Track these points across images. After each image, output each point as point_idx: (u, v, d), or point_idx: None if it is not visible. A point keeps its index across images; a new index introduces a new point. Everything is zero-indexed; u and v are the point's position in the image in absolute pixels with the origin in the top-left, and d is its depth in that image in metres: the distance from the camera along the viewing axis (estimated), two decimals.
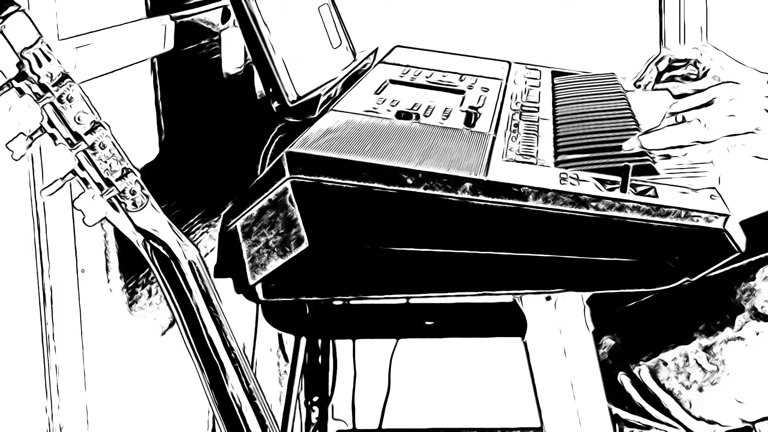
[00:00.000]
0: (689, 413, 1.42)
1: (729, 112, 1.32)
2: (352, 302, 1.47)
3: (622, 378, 1.44)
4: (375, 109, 1.47)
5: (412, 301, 1.44)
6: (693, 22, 2.50)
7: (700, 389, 1.41)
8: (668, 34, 2.50)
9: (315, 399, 2.03)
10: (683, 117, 1.34)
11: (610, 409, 1.35)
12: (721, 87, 1.36)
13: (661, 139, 1.34)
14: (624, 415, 1.46)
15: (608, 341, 1.47)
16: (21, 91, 1.15)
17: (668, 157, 1.36)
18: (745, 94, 1.33)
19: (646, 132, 1.35)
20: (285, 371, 2.03)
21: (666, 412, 1.43)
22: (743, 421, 1.42)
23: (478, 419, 2.44)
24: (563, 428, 1.34)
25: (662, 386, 1.42)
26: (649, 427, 1.45)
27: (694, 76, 1.58)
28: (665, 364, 1.42)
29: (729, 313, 1.42)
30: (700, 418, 1.42)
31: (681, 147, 1.34)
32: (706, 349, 1.41)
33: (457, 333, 1.52)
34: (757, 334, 1.40)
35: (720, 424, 1.42)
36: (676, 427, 1.43)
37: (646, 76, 1.62)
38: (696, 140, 1.32)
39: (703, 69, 1.55)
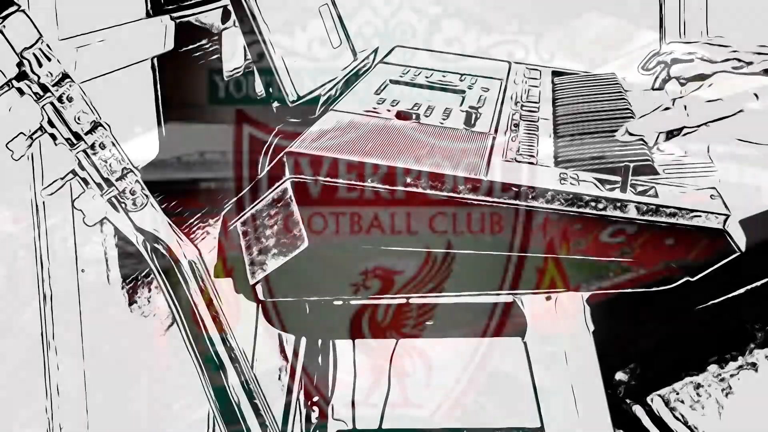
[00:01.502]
0: None
1: (713, 96, 1.32)
2: (352, 302, 1.47)
3: (638, 410, 1.43)
4: (375, 109, 1.47)
5: (412, 301, 1.44)
6: (693, 21, 2.50)
7: (714, 417, 1.40)
8: (668, 34, 2.50)
9: (315, 399, 2.03)
10: (673, 101, 1.34)
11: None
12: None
13: (645, 125, 1.34)
14: None
15: (621, 376, 1.46)
16: (21, 91, 1.15)
17: (663, 150, 1.36)
18: (734, 78, 1.33)
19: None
20: (285, 370, 2.03)
21: None
22: None
23: (479, 419, 2.44)
24: (563, 428, 1.34)
25: (676, 416, 1.41)
26: None
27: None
28: (678, 394, 1.41)
29: (741, 341, 1.41)
30: None
31: (668, 133, 1.34)
32: (719, 377, 1.41)
33: (457, 333, 1.51)
34: None
35: None
36: None
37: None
38: (679, 125, 1.32)
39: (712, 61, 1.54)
